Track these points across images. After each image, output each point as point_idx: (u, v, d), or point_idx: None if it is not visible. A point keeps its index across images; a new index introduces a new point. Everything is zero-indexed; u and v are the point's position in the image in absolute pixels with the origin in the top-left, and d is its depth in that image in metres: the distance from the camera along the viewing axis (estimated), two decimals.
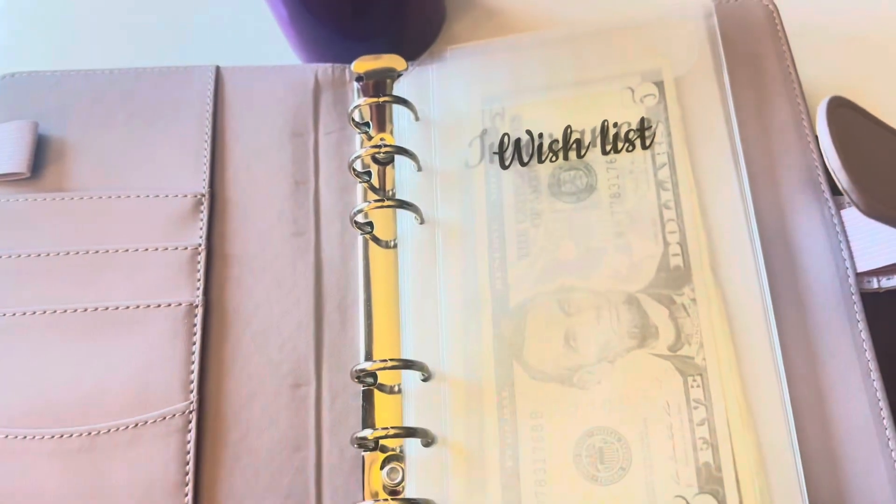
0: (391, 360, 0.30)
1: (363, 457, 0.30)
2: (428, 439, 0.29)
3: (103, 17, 0.44)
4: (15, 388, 0.31)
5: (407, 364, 0.30)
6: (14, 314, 0.32)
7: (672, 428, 0.28)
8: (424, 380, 0.30)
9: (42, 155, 0.35)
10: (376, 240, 0.33)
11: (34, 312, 0.32)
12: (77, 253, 0.33)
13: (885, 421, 0.27)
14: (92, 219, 0.34)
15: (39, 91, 0.37)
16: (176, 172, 0.35)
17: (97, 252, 0.33)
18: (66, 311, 0.32)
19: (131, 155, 0.35)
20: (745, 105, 0.32)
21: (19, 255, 0.33)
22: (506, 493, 0.28)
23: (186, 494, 0.29)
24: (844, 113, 0.25)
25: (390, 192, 0.34)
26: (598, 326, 0.30)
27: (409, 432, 0.29)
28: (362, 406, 0.30)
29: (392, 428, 0.29)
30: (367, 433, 0.29)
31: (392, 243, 0.33)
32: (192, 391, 0.30)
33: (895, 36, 0.38)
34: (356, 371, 0.30)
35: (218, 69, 0.37)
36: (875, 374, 0.28)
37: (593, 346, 0.29)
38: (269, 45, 0.42)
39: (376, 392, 0.31)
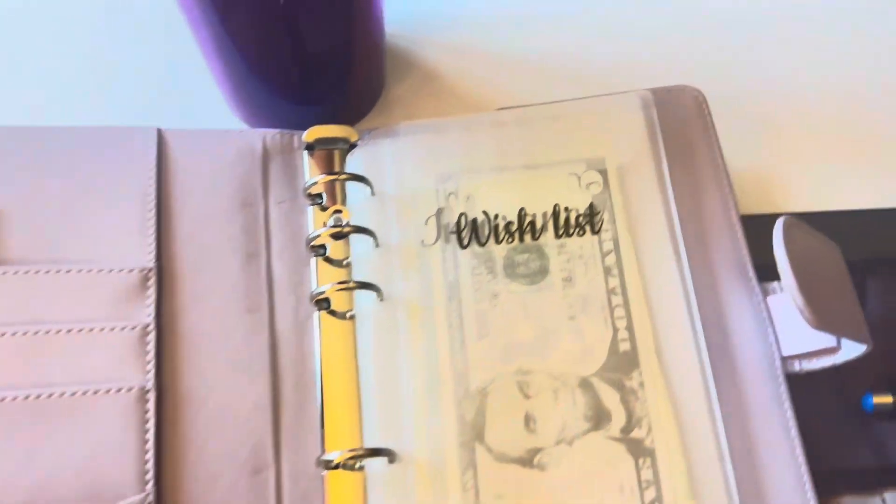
0: (359, 448, 0.30)
1: None
2: None
3: (28, 69, 0.42)
4: None
5: (374, 452, 0.30)
6: None
7: None
8: (390, 462, 0.31)
9: None
10: (333, 313, 0.33)
11: None
12: (14, 334, 0.31)
13: (805, 486, 0.30)
14: (30, 295, 0.31)
15: None
16: (119, 244, 0.33)
17: (37, 332, 0.31)
18: (4, 398, 0.30)
19: (69, 224, 0.33)
20: (682, 193, 0.35)
21: None
22: None
23: None
24: (795, 233, 0.28)
25: (344, 263, 0.34)
26: (556, 409, 0.31)
27: None
28: (325, 491, 0.31)
29: None
30: None
31: (349, 314, 0.33)
32: (147, 482, 0.29)
33: (800, 118, 0.42)
34: (322, 460, 0.30)
35: (160, 132, 0.36)
36: (799, 451, 0.31)
37: (552, 428, 0.31)
38: (205, 105, 0.41)
39: (338, 474, 0.31)
